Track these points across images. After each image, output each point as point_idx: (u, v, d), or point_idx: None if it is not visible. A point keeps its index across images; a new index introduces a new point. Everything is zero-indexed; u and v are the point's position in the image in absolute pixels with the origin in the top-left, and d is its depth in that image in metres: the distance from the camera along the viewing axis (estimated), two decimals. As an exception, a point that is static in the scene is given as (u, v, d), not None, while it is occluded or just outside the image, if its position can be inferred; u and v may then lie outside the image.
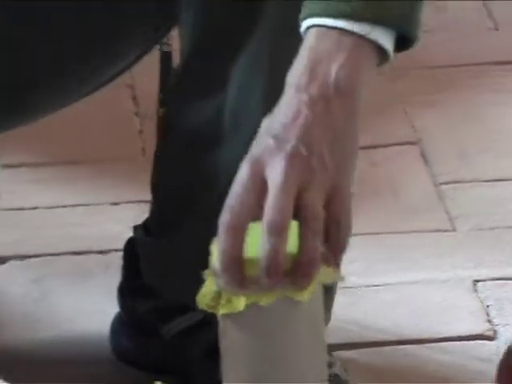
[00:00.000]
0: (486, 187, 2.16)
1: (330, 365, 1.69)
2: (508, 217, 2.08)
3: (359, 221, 1.85)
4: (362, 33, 1.27)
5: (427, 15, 2.72)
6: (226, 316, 1.26)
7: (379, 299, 1.85)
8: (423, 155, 2.21)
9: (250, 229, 1.22)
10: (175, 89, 1.71)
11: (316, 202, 1.23)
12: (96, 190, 2.15)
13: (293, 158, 1.24)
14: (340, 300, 1.71)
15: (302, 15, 1.35)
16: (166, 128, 1.69)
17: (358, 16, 1.28)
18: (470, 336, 1.77)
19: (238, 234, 1.24)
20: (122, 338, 1.74)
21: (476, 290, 1.86)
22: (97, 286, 1.86)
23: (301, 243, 1.20)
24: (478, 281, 1.88)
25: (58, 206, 2.03)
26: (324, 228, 1.20)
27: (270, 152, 1.26)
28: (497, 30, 2.66)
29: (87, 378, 1.69)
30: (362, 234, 1.92)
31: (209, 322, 1.71)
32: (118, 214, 1.98)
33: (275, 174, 1.24)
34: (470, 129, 2.33)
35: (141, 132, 2.36)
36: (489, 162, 2.21)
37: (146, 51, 1.71)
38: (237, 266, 1.23)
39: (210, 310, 1.26)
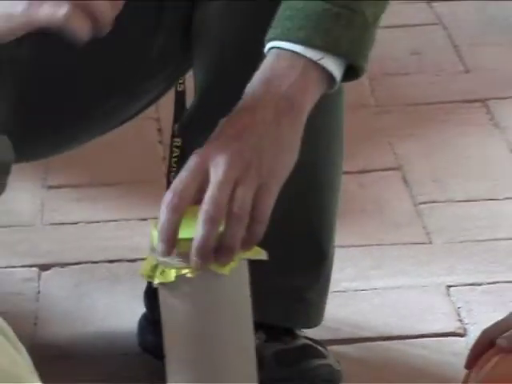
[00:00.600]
0: (457, 206, 2.17)
1: (317, 350, 1.73)
2: (476, 232, 2.09)
3: (350, 234, 1.96)
4: (313, 58, 1.34)
5: (406, 60, 2.74)
6: (162, 286, 1.31)
7: (367, 301, 1.86)
8: (404, 179, 2.22)
9: (188, 210, 1.30)
10: (190, 122, 1.70)
11: (246, 196, 1.29)
12: (126, 207, 2.19)
13: (235, 158, 1.31)
14: (333, 302, 1.73)
15: (266, 38, 1.41)
16: (182, 157, 1.67)
17: (310, 43, 1.35)
18: (443, 333, 1.79)
19: (176, 213, 1.29)
20: (147, 334, 1.75)
21: (449, 294, 1.87)
22: (126, 290, 1.88)
23: (225, 228, 1.28)
24: (450, 286, 1.90)
25: (93, 222, 2.06)
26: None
27: (217, 148, 1.32)
28: (467, 72, 2.65)
29: (117, 367, 1.71)
30: (352, 246, 1.97)
31: None
32: (145, 229, 1.92)
33: (217, 170, 1.30)
34: (444, 157, 2.35)
35: (164, 158, 2.32)
36: (459, 184, 2.22)
37: (167, 89, 1.72)
38: (171, 239, 1.28)
39: (148, 280, 1.34)
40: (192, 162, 1.31)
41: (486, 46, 2.85)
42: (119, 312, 1.89)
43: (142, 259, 1.74)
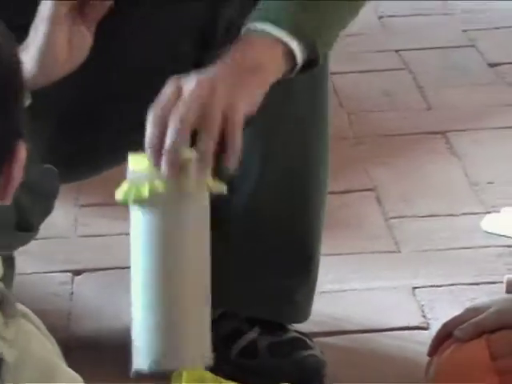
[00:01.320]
0: (422, 221, 2.16)
1: (304, 342, 1.72)
2: (437, 242, 2.09)
3: (333, 245, 1.93)
4: (279, 36, 1.40)
5: (379, 99, 2.74)
6: (135, 203, 1.33)
7: (347, 300, 1.88)
8: (377, 198, 2.24)
9: None
10: None
11: (214, 112, 1.34)
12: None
13: (203, 81, 1.37)
14: (319, 301, 1.74)
15: (245, 22, 1.47)
16: None
17: (279, 23, 1.41)
18: (410, 327, 1.80)
19: (161, 122, 1.34)
20: None
21: (414, 294, 1.89)
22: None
23: (198, 141, 1.33)
24: (415, 287, 1.91)
25: (119, 234, 2.03)
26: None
27: (189, 77, 1.38)
28: (429, 109, 2.66)
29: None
30: (335, 255, 1.95)
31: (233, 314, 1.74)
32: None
33: (189, 85, 1.36)
34: (412, 180, 2.35)
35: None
36: (424, 203, 2.21)
37: None
38: (158, 143, 1.33)
39: (124, 203, 1.34)
40: (169, 85, 1.37)
41: (447, 88, 2.81)
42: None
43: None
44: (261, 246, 1.72)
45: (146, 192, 1.31)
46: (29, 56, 1.42)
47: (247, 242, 1.75)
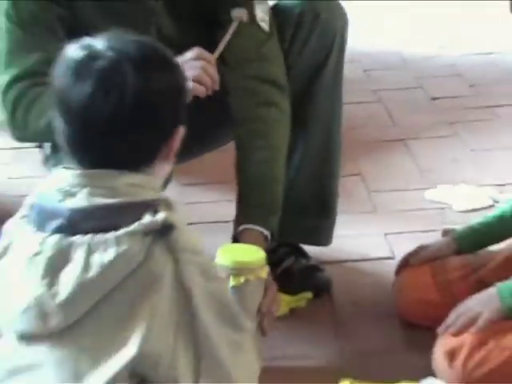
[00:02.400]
0: (390, 193, 2.31)
1: (319, 267, 1.88)
2: (401, 206, 2.23)
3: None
4: (264, 232, 1.59)
5: (361, 121, 2.62)
6: (234, 287, 1.40)
7: (338, 242, 1.92)
8: (362, 179, 2.38)
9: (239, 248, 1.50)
10: None
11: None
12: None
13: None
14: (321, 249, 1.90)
15: (240, 221, 1.61)
16: None
17: (258, 223, 1.59)
18: (383, 257, 1.98)
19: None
20: None
21: (386, 238, 2.05)
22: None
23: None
24: (386, 234, 2.06)
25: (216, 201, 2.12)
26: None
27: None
28: (394, 126, 2.81)
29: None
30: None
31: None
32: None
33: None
34: (385, 168, 2.51)
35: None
36: (391, 183, 2.36)
37: None
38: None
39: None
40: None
41: (406, 113, 2.89)
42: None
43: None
44: (303, 200, 1.84)
45: (241, 280, 1.40)
46: None
47: (296, 198, 1.81)
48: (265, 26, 1.65)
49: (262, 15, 1.65)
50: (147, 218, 1.07)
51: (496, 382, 1.47)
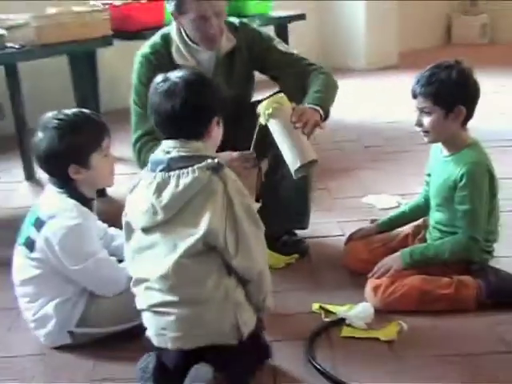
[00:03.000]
0: (346, 198, 2.60)
1: (302, 240, 2.03)
2: (351, 205, 2.50)
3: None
4: (317, 108, 1.70)
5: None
6: (269, 121, 1.54)
7: (313, 227, 2.15)
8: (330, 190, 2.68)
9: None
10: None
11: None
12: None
13: None
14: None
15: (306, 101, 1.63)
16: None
17: (320, 104, 1.70)
18: (338, 235, 2.22)
19: None
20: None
21: (339, 224, 2.31)
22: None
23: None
24: (339, 221, 2.33)
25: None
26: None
27: None
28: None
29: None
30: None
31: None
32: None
33: None
34: (350, 180, 2.82)
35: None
36: (346, 191, 2.64)
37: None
38: None
39: (263, 117, 1.53)
40: None
41: (369, 150, 3.28)
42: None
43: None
44: (290, 197, 1.97)
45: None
46: None
47: (285, 194, 1.94)
48: (288, 50, 1.89)
49: (283, 47, 1.91)
50: (208, 161, 1.31)
51: (399, 304, 1.70)
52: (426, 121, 1.71)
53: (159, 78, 1.37)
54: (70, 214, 1.52)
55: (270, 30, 3.18)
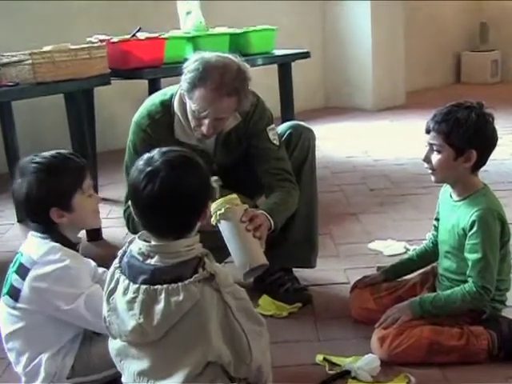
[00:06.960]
0: (349, 244, 2.59)
1: (305, 288, 2.04)
2: (354, 251, 2.49)
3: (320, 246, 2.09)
4: (269, 218, 1.69)
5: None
6: (220, 222, 1.53)
7: (319, 271, 2.17)
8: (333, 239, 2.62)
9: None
10: None
11: None
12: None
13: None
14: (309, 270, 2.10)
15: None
16: None
17: (273, 216, 1.71)
18: (341, 282, 2.21)
19: None
20: None
21: (345, 272, 2.29)
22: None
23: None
24: (346, 269, 2.32)
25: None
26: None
27: None
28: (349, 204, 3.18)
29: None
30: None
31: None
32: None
33: None
34: (347, 224, 2.82)
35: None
36: (348, 240, 2.61)
37: None
38: None
39: (213, 221, 1.50)
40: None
41: (358, 196, 3.29)
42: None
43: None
44: (295, 237, 2.01)
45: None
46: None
47: (291, 234, 1.99)
48: (276, 141, 1.95)
49: (273, 136, 1.97)
50: (200, 272, 1.21)
51: (407, 356, 1.68)
52: (434, 158, 1.70)
53: (141, 164, 1.25)
54: (54, 257, 1.51)
55: (273, 69, 3.34)
